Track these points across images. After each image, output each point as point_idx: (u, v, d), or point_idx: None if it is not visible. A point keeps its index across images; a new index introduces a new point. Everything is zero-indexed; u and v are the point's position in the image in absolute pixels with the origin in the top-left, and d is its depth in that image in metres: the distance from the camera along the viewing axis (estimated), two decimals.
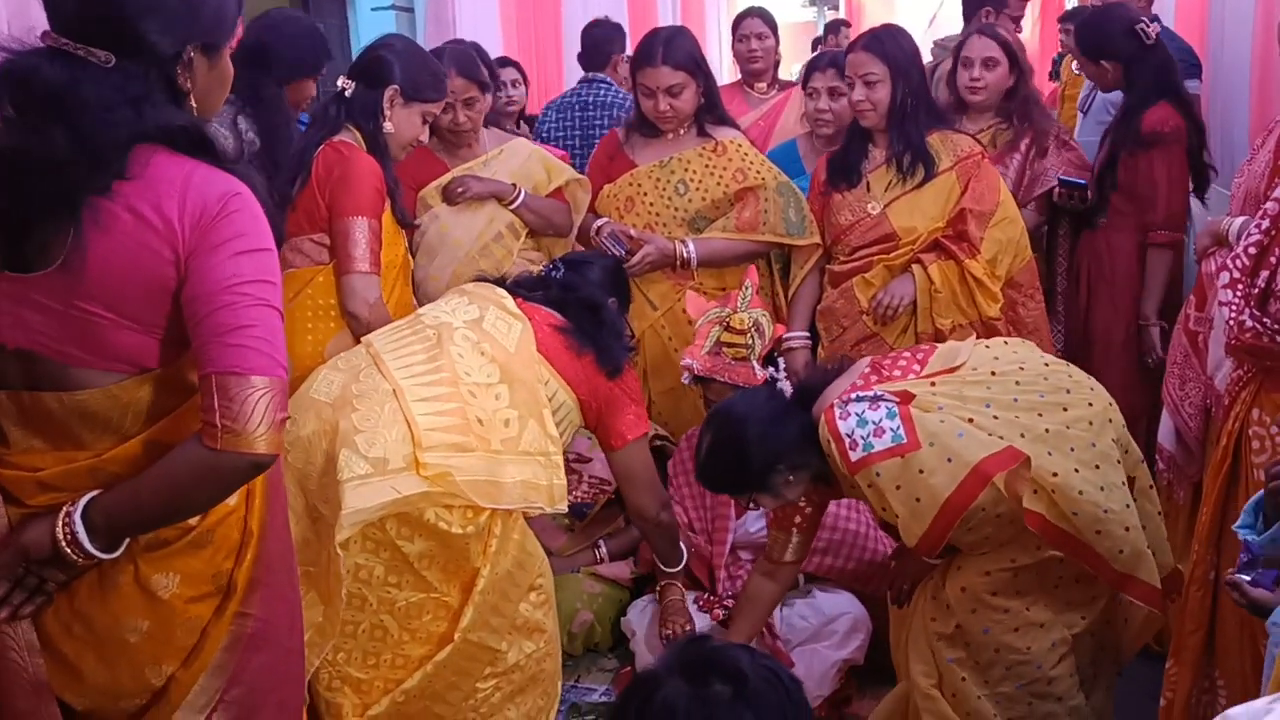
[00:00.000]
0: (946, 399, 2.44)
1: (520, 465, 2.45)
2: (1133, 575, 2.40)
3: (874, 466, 2.38)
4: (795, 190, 3.60)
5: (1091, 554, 2.39)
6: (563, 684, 3.22)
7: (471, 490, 2.36)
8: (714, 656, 1.38)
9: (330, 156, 2.93)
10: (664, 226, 3.60)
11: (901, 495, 2.38)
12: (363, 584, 2.40)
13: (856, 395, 2.44)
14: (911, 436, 2.36)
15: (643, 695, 1.38)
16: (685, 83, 3.49)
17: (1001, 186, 3.49)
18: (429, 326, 2.60)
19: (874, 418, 2.39)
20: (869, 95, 3.36)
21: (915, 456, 2.35)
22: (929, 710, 2.55)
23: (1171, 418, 3.04)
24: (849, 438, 2.40)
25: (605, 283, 3.17)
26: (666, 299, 3.60)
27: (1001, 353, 2.61)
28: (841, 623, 3.12)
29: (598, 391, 2.70)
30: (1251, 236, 2.30)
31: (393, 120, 3.00)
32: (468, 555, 2.41)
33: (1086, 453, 2.41)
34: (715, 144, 3.59)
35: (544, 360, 2.61)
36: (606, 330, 2.75)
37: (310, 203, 2.94)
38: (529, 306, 2.70)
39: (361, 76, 3.01)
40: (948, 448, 2.35)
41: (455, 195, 3.54)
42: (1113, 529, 2.37)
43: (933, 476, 2.35)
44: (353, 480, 2.34)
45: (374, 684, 2.45)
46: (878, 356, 2.68)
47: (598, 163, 3.77)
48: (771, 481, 2.58)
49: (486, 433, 2.43)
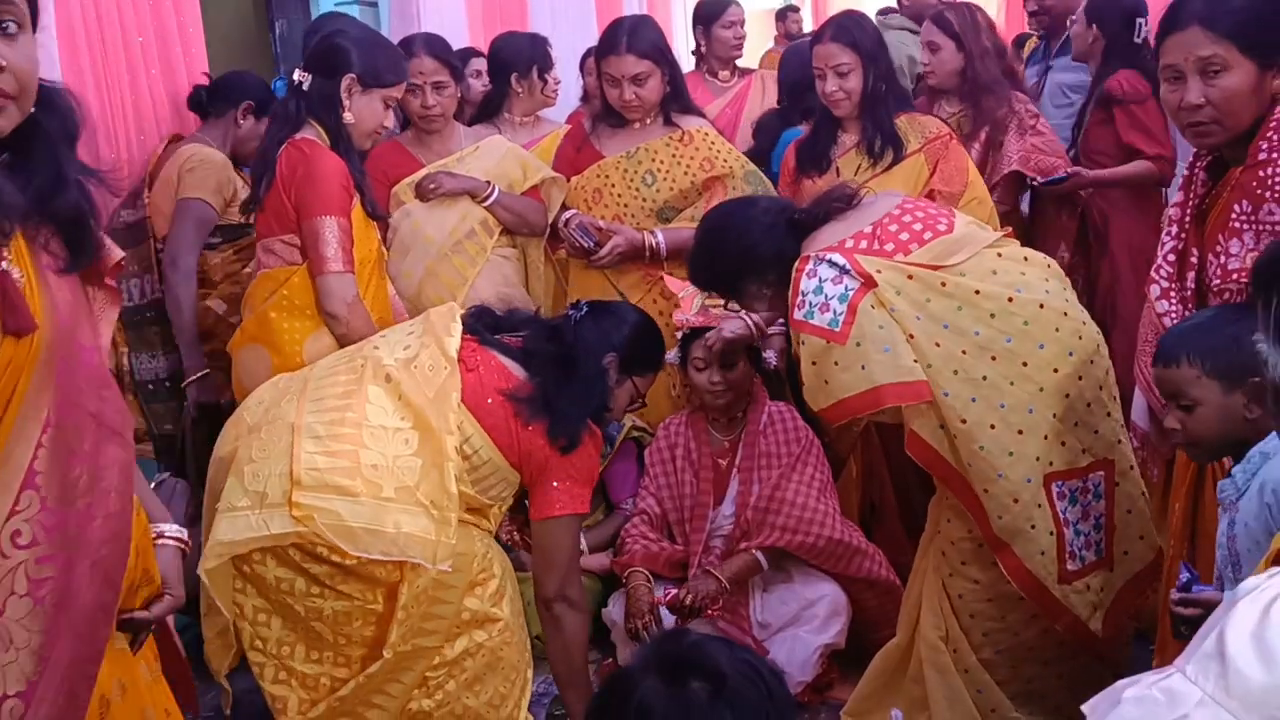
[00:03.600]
0: (905, 302, 2.44)
1: (411, 516, 2.35)
2: (1008, 545, 2.45)
3: (803, 333, 2.47)
4: (763, 179, 3.60)
5: (974, 502, 2.44)
6: (544, 676, 3.21)
7: (338, 536, 2.29)
8: (691, 654, 1.35)
9: (293, 156, 2.88)
10: (632, 217, 3.58)
11: (813, 370, 2.48)
12: (286, 594, 2.37)
13: (831, 259, 2.47)
14: (845, 329, 2.42)
15: (619, 696, 1.35)
16: (650, 71, 3.47)
17: (970, 167, 3.49)
18: (363, 359, 2.52)
19: (829, 291, 2.45)
20: (841, 85, 3.35)
21: (837, 348, 2.43)
22: (930, 662, 2.60)
23: (1144, 395, 3.03)
24: (802, 295, 2.47)
25: (622, 340, 2.67)
26: (637, 289, 3.58)
27: (1006, 269, 2.54)
28: (821, 606, 3.13)
29: (532, 458, 2.50)
30: (1166, 244, 2.36)
31: (352, 110, 2.92)
32: (374, 574, 2.35)
33: (1016, 415, 2.41)
34: (682, 133, 3.57)
35: (468, 414, 2.45)
36: (574, 393, 2.51)
37: (277, 204, 2.91)
38: (483, 353, 2.53)
39: (317, 67, 2.93)
40: (866, 355, 2.41)
41: (428, 191, 3.52)
42: (999, 495, 2.41)
43: (843, 373, 2.43)
44: (229, 511, 2.33)
45: (319, 679, 2.44)
46: (896, 209, 2.62)
47: (565, 154, 3.74)
48: (741, 287, 2.69)
49: (379, 478, 2.35)
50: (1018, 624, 2.56)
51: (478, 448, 2.46)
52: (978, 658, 2.57)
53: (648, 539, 3.29)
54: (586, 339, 2.60)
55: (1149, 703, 1.10)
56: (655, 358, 2.80)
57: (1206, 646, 1.10)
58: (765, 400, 3.37)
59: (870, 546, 3.19)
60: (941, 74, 3.97)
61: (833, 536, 3.13)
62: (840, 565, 3.16)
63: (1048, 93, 4.57)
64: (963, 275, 2.48)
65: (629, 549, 3.28)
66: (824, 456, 3.29)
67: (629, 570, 3.20)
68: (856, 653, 3.12)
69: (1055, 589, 2.49)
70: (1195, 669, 1.09)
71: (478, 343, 2.56)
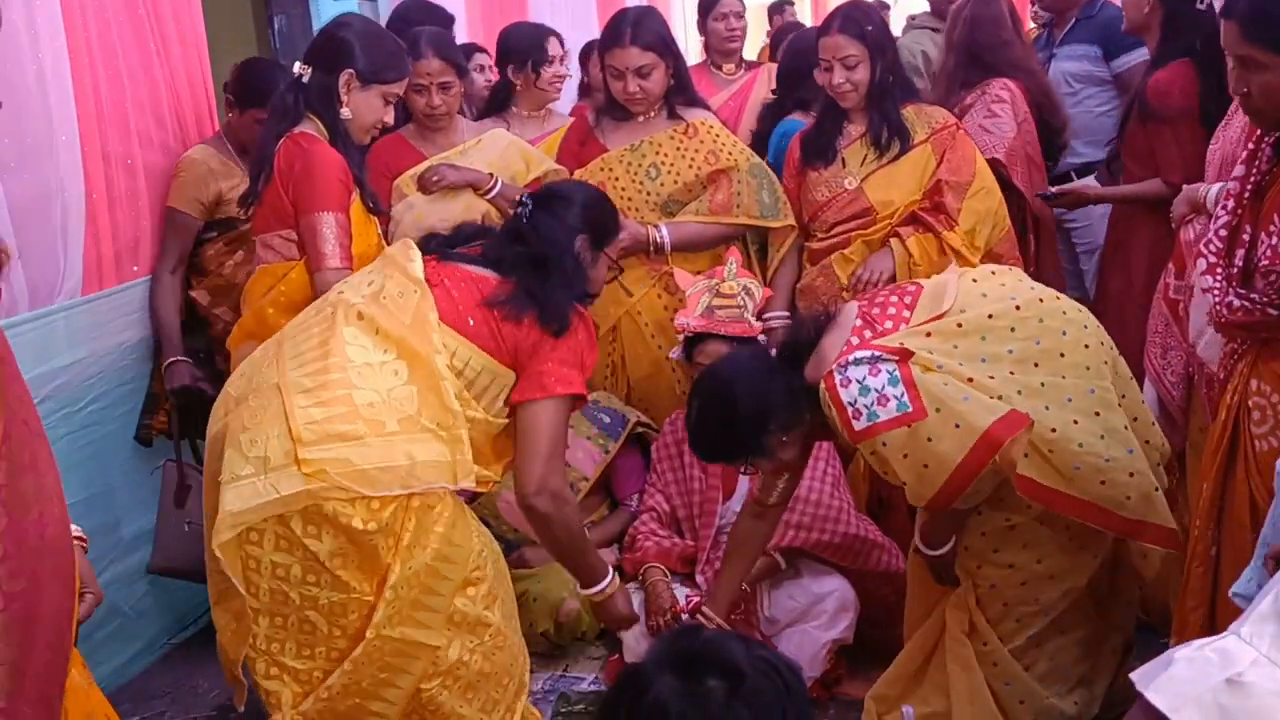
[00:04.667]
0: (944, 355, 2.39)
1: (421, 444, 2.33)
2: (1143, 520, 2.40)
3: (880, 436, 2.34)
4: (768, 171, 3.57)
5: (1092, 510, 2.38)
6: (551, 673, 3.24)
7: (354, 482, 2.26)
8: (707, 650, 1.30)
9: (291, 150, 2.85)
10: (636, 211, 3.55)
11: (908, 463, 2.35)
12: (282, 581, 2.32)
13: (854, 359, 2.38)
14: (917, 404, 2.32)
15: (632, 693, 1.30)
16: (654, 64, 3.44)
17: (977, 157, 3.47)
18: (330, 305, 2.48)
19: (876, 384, 2.34)
20: (849, 77, 3.32)
21: (922, 425, 2.32)
22: (954, 656, 2.58)
23: (1154, 387, 3.03)
24: (851, 407, 2.35)
25: (581, 220, 2.65)
26: (641, 284, 3.56)
27: (990, 288, 2.55)
28: (829, 602, 3.11)
29: (522, 349, 2.45)
30: (1220, 219, 2.30)
31: (350, 105, 2.88)
32: (377, 553, 2.32)
33: (1084, 400, 2.40)
34: (686, 126, 3.55)
35: (449, 330, 2.41)
36: (558, 284, 2.49)
37: (275, 199, 2.88)
38: (447, 268, 2.50)
39: (318, 60, 2.90)
40: (954, 413, 2.31)
41: (430, 184, 3.50)
42: (1117, 476, 2.37)
43: (940, 444, 2.31)
44: (233, 481, 2.27)
45: (312, 674, 2.38)
46: (864, 303, 2.59)
47: (568, 147, 3.71)
48: (765, 444, 2.54)
49: (379, 415, 2.31)
50: (1050, 603, 2.55)
51: (467, 358, 2.43)
52: (1008, 648, 2.56)
53: (658, 535, 3.28)
54: (549, 233, 2.56)
55: (1201, 663, 1.08)
56: (615, 223, 2.78)
57: (1263, 608, 1.08)
58: None
59: (885, 539, 3.18)
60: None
61: (849, 532, 3.12)
62: (858, 561, 3.14)
63: (1052, 81, 4.53)
64: (964, 311, 2.47)
65: (640, 546, 3.26)
66: (835, 451, 3.27)
67: (646, 566, 3.18)
68: (865, 648, 3.11)
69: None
70: (1251, 629, 1.08)
71: (438, 260, 2.53)
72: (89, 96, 3.22)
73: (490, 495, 3.30)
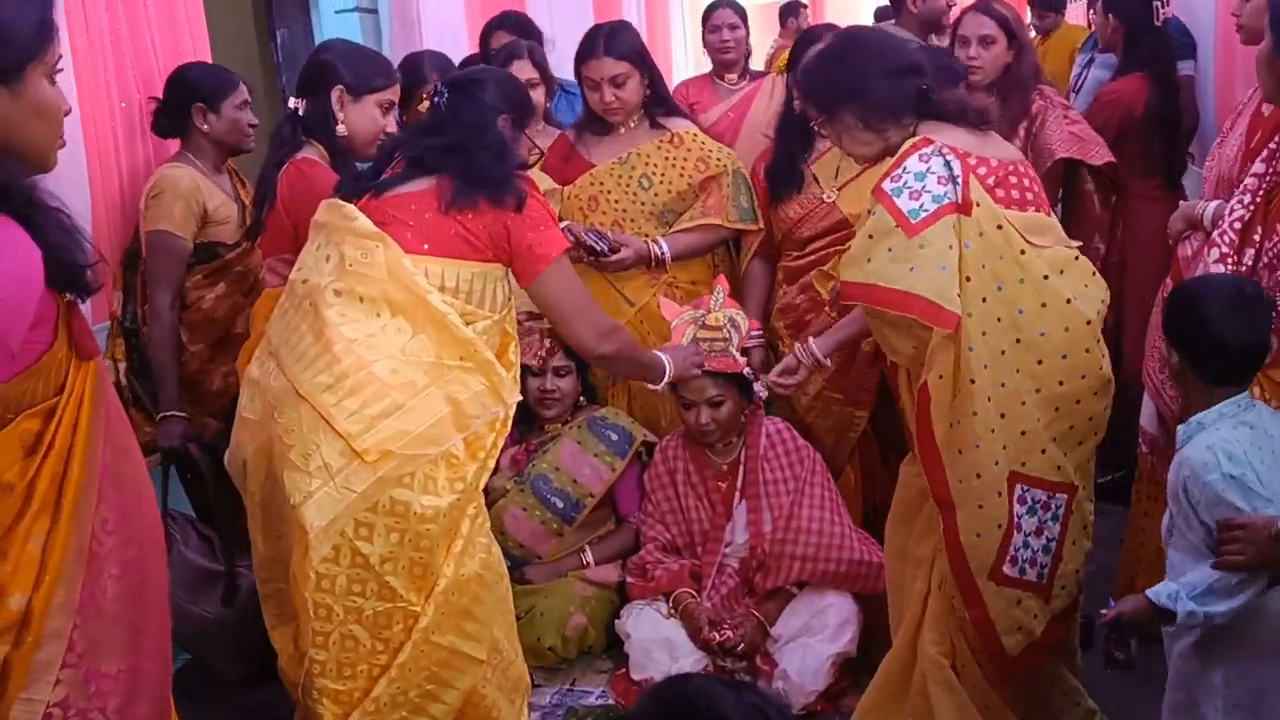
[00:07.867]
0: (982, 247, 2.36)
1: (457, 383, 2.38)
2: (955, 507, 2.40)
3: (880, 205, 2.39)
4: (746, 177, 3.60)
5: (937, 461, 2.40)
6: (559, 688, 3.27)
7: (419, 446, 2.32)
8: (696, 701, 1.32)
9: (292, 176, 2.87)
10: (632, 222, 3.56)
11: (866, 243, 2.40)
12: (326, 593, 2.34)
13: (952, 160, 2.37)
14: (920, 226, 2.33)
15: None
16: (629, 73, 3.46)
17: None
18: (302, 298, 2.47)
19: (930, 186, 2.35)
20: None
21: (901, 235, 2.35)
22: (935, 679, 2.55)
23: (1153, 400, 3.03)
24: (903, 170, 2.38)
25: (501, 99, 2.66)
26: (642, 294, 3.57)
27: (1074, 274, 2.50)
28: (832, 615, 3.13)
29: (497, 237, 2.49)
30: (1235, 213, 2.29)
31: (346, 121, 2.88)
32: (432, 550, 2.35)
33: (1011, 399, 2.37)
34: (671, 135, 3.57)
35: (423, 259, 2.44)
36: (490, 159, 2.50)
37: (278, 224, 2.90)
38: (387, 203, 2.49)
39: (307, 88, 2.92)
40: (923, 259, 2.33)
41: None
42: (970, 463, 2.38)
43: (890, 263, 2.35)
44: (307, 499, 2.30)
45: (352, 694, 2.41)
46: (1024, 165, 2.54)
47: (551, 165, 3.66)
48: (841, 113, 2.52)
49: (406, 376, 2.35)
50: None
51: (455, 275, 2.45)
52: (984, 674, 2.55)
53: (665, 563, 3.31)
54: (469, 118, 2.57)
55: None
56: (531, 102, 2.93)
57: None
58: (762, 419, 3.36)
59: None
60: (991, 69, 3.75)
61: (853, 558, 3.15)
62: (866, 586, 3.15)
63: (1087, 88, 4.52)
64: (1040, 256, 2.43)
65: (653, 575, 3.29)
66: (828, 471, 3.29)
67: (678, 590, 3.22)
68: (868, 661, 3.11)
69: (980, 579, 2.43)
70: None
71: (373, 196, 2.53)
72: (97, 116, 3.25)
73: (498, 511, 3.33)
